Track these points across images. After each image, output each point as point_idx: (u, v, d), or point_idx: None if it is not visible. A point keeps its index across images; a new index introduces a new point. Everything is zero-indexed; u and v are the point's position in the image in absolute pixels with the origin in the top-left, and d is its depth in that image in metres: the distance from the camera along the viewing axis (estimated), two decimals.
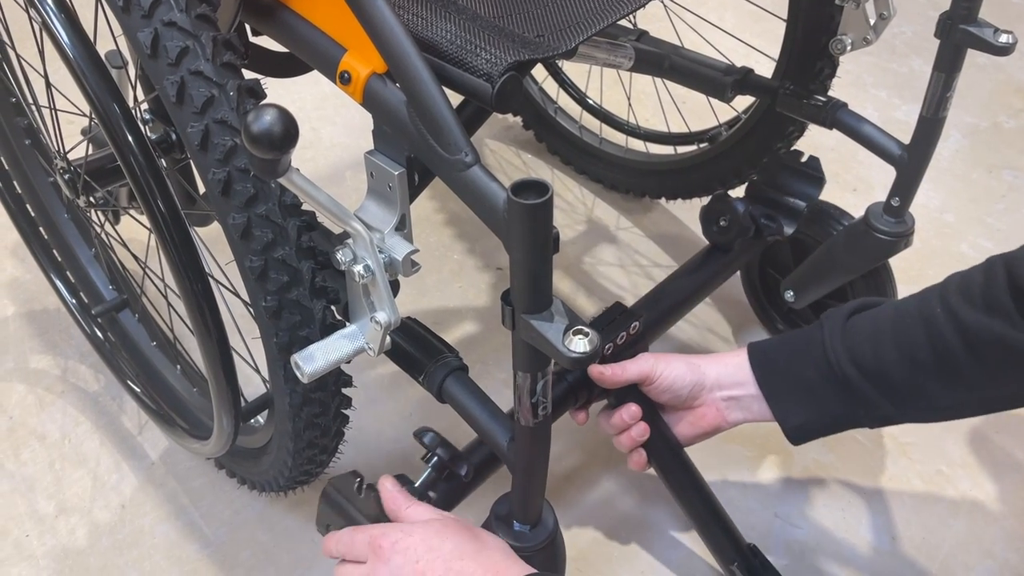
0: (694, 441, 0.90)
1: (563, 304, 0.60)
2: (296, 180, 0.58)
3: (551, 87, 1.48)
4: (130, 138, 0.64)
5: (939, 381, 0.75)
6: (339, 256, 0.64)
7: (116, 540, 1.01)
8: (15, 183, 1.14)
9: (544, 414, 0.66)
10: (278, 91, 0.76)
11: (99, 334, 1.12)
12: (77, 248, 1.16)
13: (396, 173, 0.63)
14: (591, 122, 1.45)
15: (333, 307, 0.72)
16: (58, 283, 1.15)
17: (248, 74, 0.68)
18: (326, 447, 0.83)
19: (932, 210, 1.45)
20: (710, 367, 0.87)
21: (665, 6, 1.23)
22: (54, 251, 1.17)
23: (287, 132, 0.52)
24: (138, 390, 1.07)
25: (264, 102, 0.53)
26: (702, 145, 1.28)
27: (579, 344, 0.58)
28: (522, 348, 0.61)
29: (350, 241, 0.64)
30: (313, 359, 0.67)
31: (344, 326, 0.72)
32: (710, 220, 1.08)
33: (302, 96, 1.64)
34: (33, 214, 1.16)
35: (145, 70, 0.64)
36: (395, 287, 0.71)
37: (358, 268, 0.64)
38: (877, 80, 1.72)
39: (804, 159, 1.08)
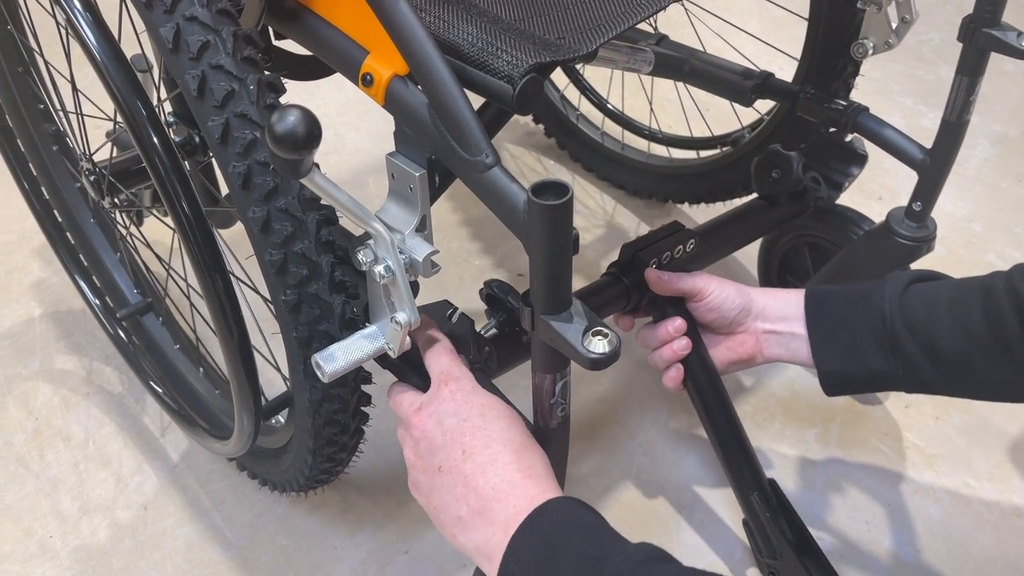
0: (727, 369, 0.91)
1: (582, 305, 0.60)
2: (318, 180, 0.59)
3: (572, 94, 1.48)
4: (155, 138, 0.65)
5: (988, 356, 0.74)
6: (360, 257, 0.65)
7: (138, 542, 1.02)
8: (43, 188, 1.16)
9: (563, 416, 0.66)
10: (302, 96, 0.77)
11: (123, 336, 1.14)
12: (103, 252, 1.18)
13: (417, 174, 0.64)
14: (613, 128, 1.45)
15: (352, 302, 0.72)
16: (83, 286, 1.16)
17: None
18: (346, 445, 0.83)
19: (959, 219, 1.44)
20: (760, 297, 0.88)
21: (687, 10, 1.23)
22: (80, 255, 1.18)
23: (310, 133, 0.52)
24: (160, 391, 1.08)
25: (288, 103, 0.54)
26: (724, 148, 1.28)
27: (598, 345, 0.58)
28: (541, 349, 0.62)
29: (371, 242, 0.65)
30: (334, 359, 0.68)
31: (363, 323, 0.72)
32: (763, 171, 1.08)
33: (326, 101, 1.65)
34: (60, 219, 1.18)
35: (167, 67, 0.65)
36: (415, 288, 0.71)
37: (379, 268, 0.64)
38: (903, 87, 1.71)
39: (848, 138, 1.07)
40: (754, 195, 1.11)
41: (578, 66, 1.48)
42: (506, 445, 0.63)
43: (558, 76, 1.48)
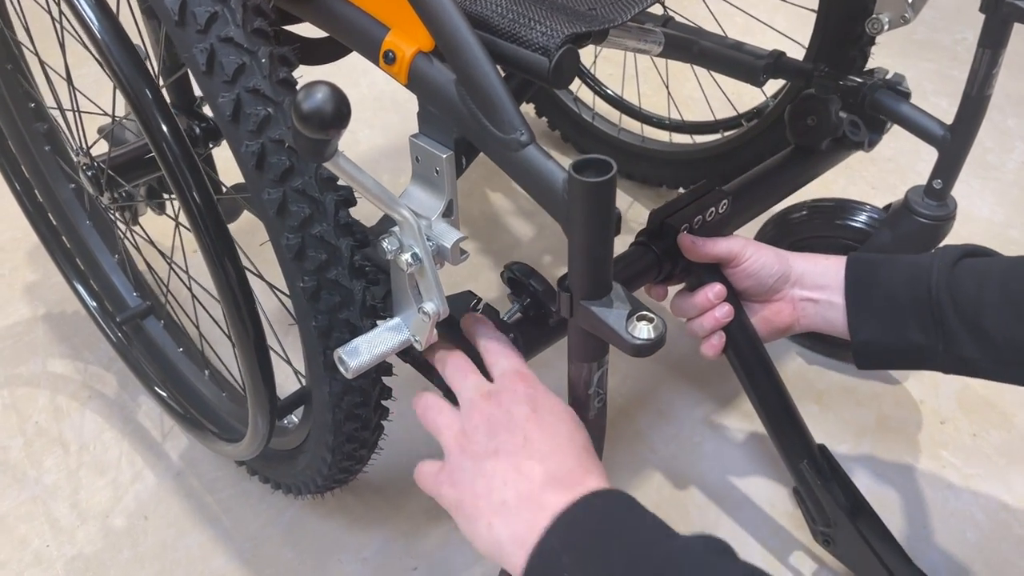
0: (765, 340, 0.88)
1: (623, 289, 0.57)
2: (343, 164, 0.55)
3: (586, 95, 1.45)
4: (163, 123, 0.61)
5: None
6: (385, 245, 0.61)
7: (137, 552, 0.98)
8: (36, 192, 1.12)
9: (600, 406, 0.63)
10: None
11: (123, 340, 1.10)
12: (100, 255, 1.14)
13: (444, 156, 0.61)
14: (631, 124, 1.42)
15: (373, 289, 0.69)
16: (80, 289, 1.12)
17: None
18: (366, 441, 0.80)
19: (996, 224, 1.40)
20: (798, 262, 0.85)
21: None
22: (77, 259, 1.14)
23: (339, 111, 0.49)
24: (165, 395, 1.05)
25: (313, 80, 0.50)
26: (750, 123, 1.25)
27: (644, 330, 0.55)
28: (580, 337, 0.59)
29: (396, 229, 0.62)
30: (358, 352, 0.65)
31: (384, 313, 0.69)
32: (798, 118, 1.04)
33: None
34: (55, 222, 1.14)
35: (173, 41, 0.61)
36: None
37: (405, 257, 0.61)
38: (937, 87, 1.67)
39: (889, 75, 1.04)
40: None
41: (587, 61, 1.46)
42: (571, 443, 0.60)
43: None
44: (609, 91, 1.46)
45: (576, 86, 1.45)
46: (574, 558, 0.53)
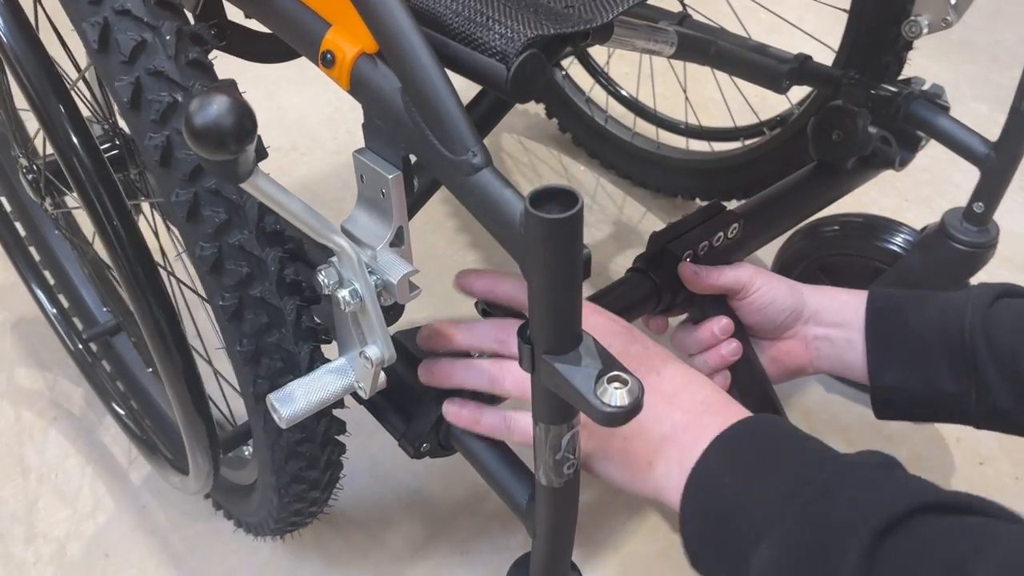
0: (773, 381, 0.80)
1: (595, 342, 0.48)
2: (263, 185, 0.47)
3: (599, 96, 1.36)
4: (71, 132, 0.53)
5: None
6: (322, 278, 0.53)
7: None
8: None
9: (571, 473, 0.53)
10: (295, 83, 0.65)
11: (86, 354, 1.02)
12: (69, 266, 1.06)
13: (390, 177, 0.51)
14: (646, 128, 1.33)
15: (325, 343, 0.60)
16: (42, 297, 1.05)
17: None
18: (317, 481, 0.71)
19: None
20: (813, 297, 0.77)
21: None
22: (45, 269, 1.07)
23: (240, 125, 0.40)
24: (123, 414, 0.97)
25: (216, 84, 0.42)
26: (773, 131, 1.15)
27: (615, 395, 0.45)
28: (544, 395, 0.49)
29: (335, 260, 0.53)
30: (292, 399, 0.56)
31: (326, 336, 0.60)
32: (822, 132, 0.94)
33: (330, 91, 1.53)
34: (24, 231, 1.06)
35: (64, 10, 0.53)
36: (396, 311, 0.59)
37: (343, 294, 0.52)
38: (977, 92, 1.55)
39: (926, 86, 0.93)
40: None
41: (601, 60, 1.36)
42: (693, 371, 0.61)
43: (584, 79, 1.36)
44: (624, 92, 1.36)
45: (589, 86, 1.36)
46: (735, 478, 0.53)
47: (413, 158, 0.52)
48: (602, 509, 0.96)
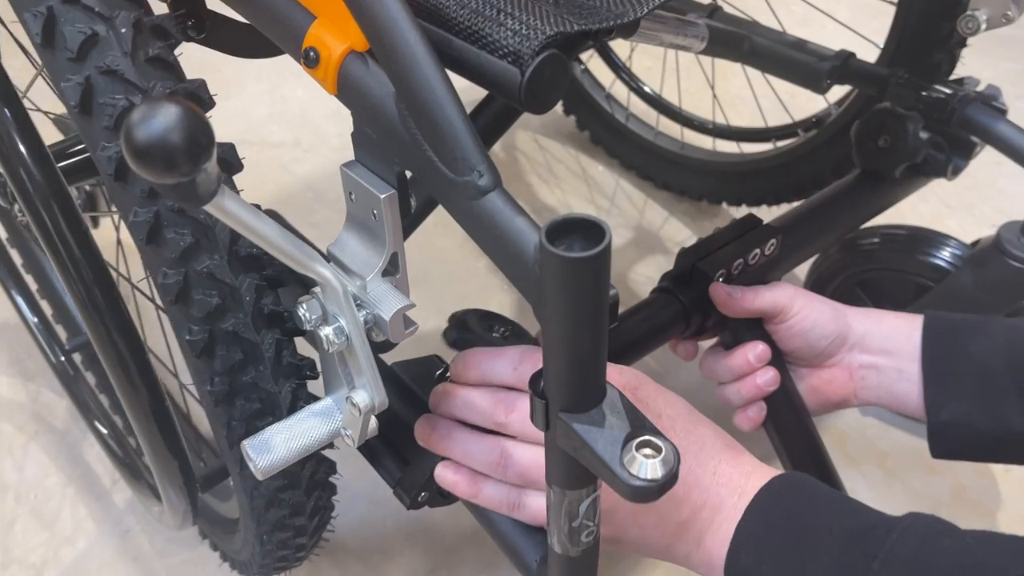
0: (812, 413, 0.73)
1: (622, 398, 0.40)
2: (230, 207, 0.39)
3: (620, 92, 1.27)
4: (18, 139, 0.46)
5: None
6: (302, 313, 0.45)
7: None
8: None
9: (590, 541, 0.46)
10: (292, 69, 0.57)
11: (66, 364, 0.96)
12: (53, 275, 0.99)
13: (382, 196, 0.44)
14: (669, 127, 1.25)
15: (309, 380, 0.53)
16: (20, 303, 0.98)
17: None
18: (303, 528, 0.64)
19: None
20: (859, 320, 0.70)
21: None
22: (27, 274, 1.00)
23: (192, 141, 0.33)
24: (104, 432, 0.90)
25: (166, 92, 0.34)
26: (808, 133, 1.07)
27: (646, 466, 0.38)
28: (559, 458, 0.42)
29: (318, 291, 0.45)
30: (269, 448, 0.48)
31: (311, 372, 0.53)
32: (867, 137, 0.85)
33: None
34: (8, 235, 1.00)
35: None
36: (383, 348, 0.51)
37: (326, 332, 0.45)
38: (1021, 91, 1.46)
39: (981, 87, 0.85)
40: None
41: (623, 53, 1.28)
42: (700, 424, 0.55)
43: (604, 73, 1.27)
44: (646, 88, 1.28)
45: (610, 81, 1.28)
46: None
47: (410, 174, 0.45)
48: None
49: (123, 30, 0.44)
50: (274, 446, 0.48)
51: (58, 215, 0.47)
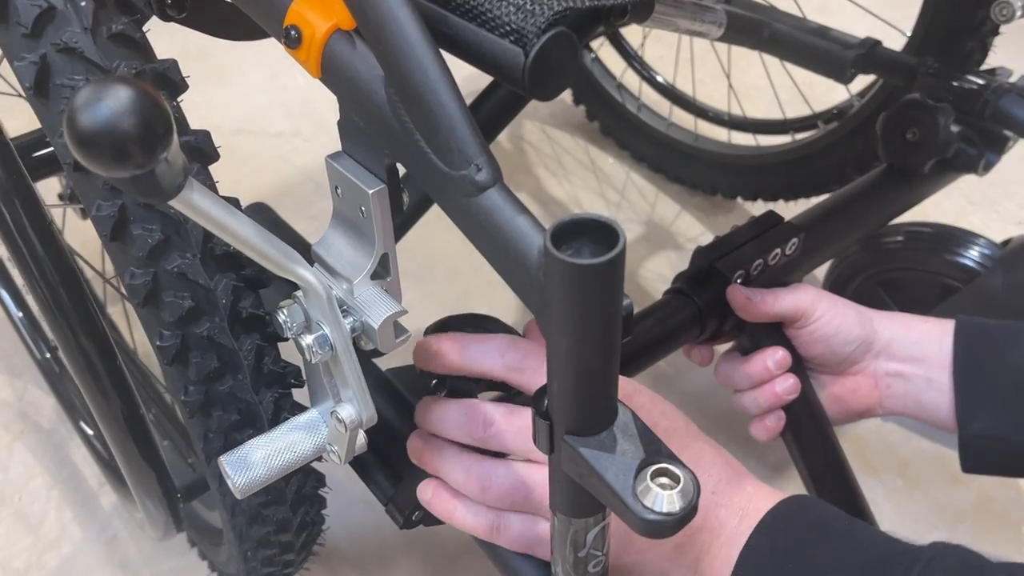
0: (834, 422, 0.70)
1: (636, 420, 0.36)
2: (198, 203, 0.35)
3: (632, 82, 1.23)
4: None
5: None
6: (283, 319, 0.41)
7: None
8: None
9: (597, 572, 0.42)
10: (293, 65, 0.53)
11: (52, 362, 0.92)
12: None
13: (371, 192, 0.40)
14: (683, 118, 1.20)
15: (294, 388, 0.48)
16: (5, 297, 0.94)
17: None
18: (289, 545, 0.60)
19: None
20: (886, 325, 0.66)
21: None
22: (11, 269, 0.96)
23: (146, 128, 0.29)
24: (90, 433, 0.86)
25: (124, 69, 0.30)
26: (829, 125, 1.02)
27: (662, 498, 0.34)
28: (565, 484, 0.38)
29: (300, 295, 0.41)
30: (248, 465, 0.44)
31: (296, 380, 0.49)
32: (894, 131, 0.81)
33: None
34: None
35: None
36: (371, 357, 0.47)
37: (308, 341, 0.40)
38: None
39: (1014, 78, 0.80)
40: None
41: (635, 41, 1.23)
42: (698, 439, 0.51)
43: (614, 61, 1.23)
44: (659, 77, 1.23)
45: (621, 70, 1.23)
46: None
47: (403, 169, 0.40)
48: None
49: (83, 3, 0.39)
50: (253, 463, 0.44)
51: (19, 210, 0.43)
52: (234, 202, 0.39)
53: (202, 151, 0.42)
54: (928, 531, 0.86)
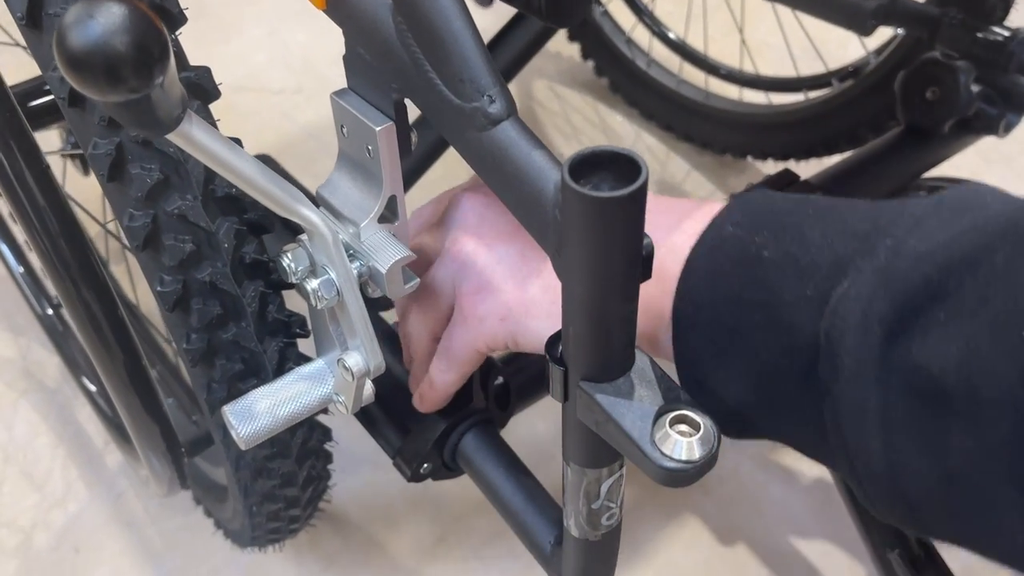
0: None
1: (652, 363, 0.35)
2: (198, 138, 0.33)
3: (642, 37, 1.20)
4: None
5: None
6: (287, 263, 0.40)
7: None
8: None
9: (611, 525, 0.41)
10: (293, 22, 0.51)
11: (55, 318, 0.91)
12: None
13: (378, 129, 0.38)
14: (693, 75, 1.17)
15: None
16: (5, 251, 0.93)
17: None
18: (295, 500, 0.59)
19: None
20: None
21: None
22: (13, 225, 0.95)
23: (141, 47, 0.27)
24: (93, 389, 0.85)
25: None
26: (843, 83, 1.00)
27: (681, 446, 0.32)
28: (579, 433, 0.36)
29: (304, 238, 0.40)
30: (253, 416, 0.43)
31: (301, 330, 0.48)
32: (913, 90, 0.79)
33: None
34: None
35: None
36: (387, 300, 0.46)
37: (314, 285, 0.39)
38: None
39: None
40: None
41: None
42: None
43: (624, 16, 1.20)
44: (670, 33, 1.20)
45: (631, 25, 1.20)
46: (770, 236, 0.36)
47: (411, 104, 0.39)
48: (634, 512, 0.84)
49: None
50: (258, 413, 0.43)
51: (18, 158, 0.42)
52: (237, 142, 0.37)
53: (202, 88, 0.40)
54: None
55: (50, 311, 0.91)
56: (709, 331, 0.36)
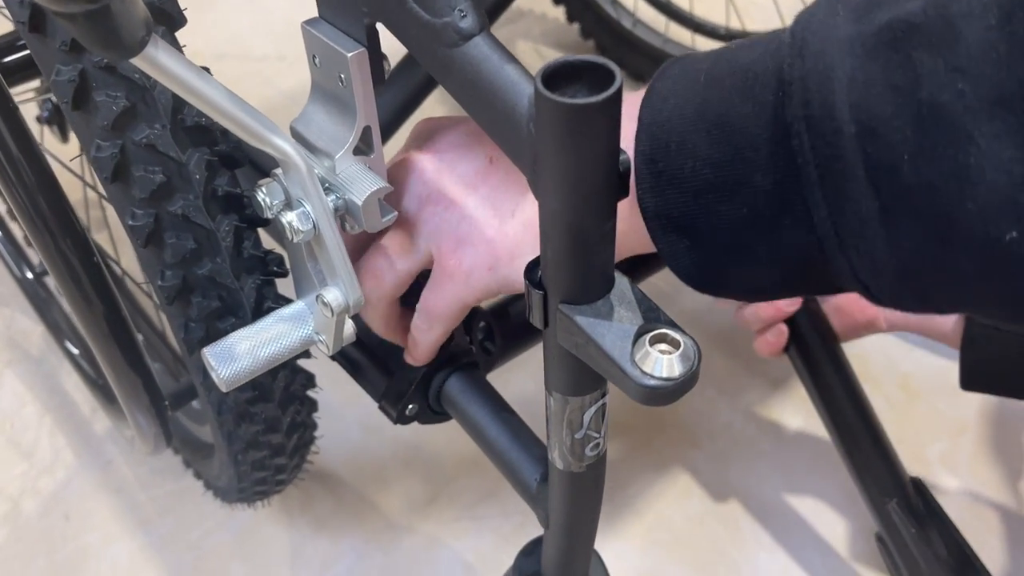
0: (840, 337, 0.70)
1: (631, 285, 0.34)
2: (165, 63, 0.33)
3: None
4: None
5: None
6: (262, 197, 0.39)
7: (53, 561, 0.79)
8: None
9: (596, 455, 0.40)
10: None
11: (36, 284, 0.90)
12: None
13: (349, 55, 0.37)
14: (680, 34, 1.17)
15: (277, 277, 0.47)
16: None
17: None
18: (281, 447, 0.58)
19: None
20: None
21: None
22: None
23: None
24: (75, 352, 0.85)
25: None
26: None
27: (661, 363, 0.32)
28: (560, 359, 0.36)
29: (279, 172, 0.39)
30: (233, 356, 0.43)
31: (280, 269, 0.47)
32: None
33: None
34: None
35: None
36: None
37: (289, 218, 0.38)
38: None
39: None
40: None
41: None
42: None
43: None
44: None
45: None
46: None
47: (385, 33, 0.38)
48: (625, 466, 0.84)
49: None
50: (238, 354, 0.42)
51: None
52: (206, 71, 0.36)
53: (167, 13, 0.40)
54: (932, 442, 0.86)
55: (30, 275, 0.91)
56: (679, 157, 0.35)
